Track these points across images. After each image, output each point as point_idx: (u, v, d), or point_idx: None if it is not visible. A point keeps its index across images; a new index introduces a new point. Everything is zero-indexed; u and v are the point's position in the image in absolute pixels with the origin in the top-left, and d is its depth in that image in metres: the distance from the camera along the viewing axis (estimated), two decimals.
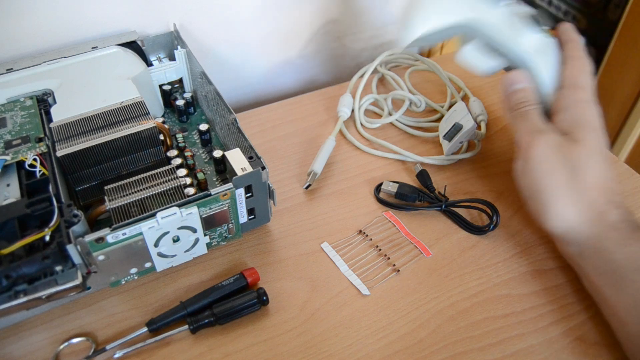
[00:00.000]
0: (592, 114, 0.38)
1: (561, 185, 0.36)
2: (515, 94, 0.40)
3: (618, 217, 0.35)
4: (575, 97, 0.39)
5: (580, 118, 0.38)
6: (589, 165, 0.36)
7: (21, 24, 0.45)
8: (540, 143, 0.37)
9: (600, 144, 0.37)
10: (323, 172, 0.46)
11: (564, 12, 1.46)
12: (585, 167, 0.36)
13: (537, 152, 0.37)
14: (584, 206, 0.36)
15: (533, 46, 0.41)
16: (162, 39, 0.49)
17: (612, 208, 0.35)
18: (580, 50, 0.42)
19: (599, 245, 0.35)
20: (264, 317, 0.36)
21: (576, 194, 0.36)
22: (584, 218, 0.35)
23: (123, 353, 0.33)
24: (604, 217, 0.35)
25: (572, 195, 0.36)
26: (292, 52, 0.59)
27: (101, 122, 0.38)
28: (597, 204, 0.35)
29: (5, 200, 0.34)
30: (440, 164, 0.47)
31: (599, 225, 0.35)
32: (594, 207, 0.35)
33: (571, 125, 0.38)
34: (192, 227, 0.35)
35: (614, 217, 0.35)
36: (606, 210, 0.35)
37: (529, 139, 0.38)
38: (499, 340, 0.34)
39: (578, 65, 0.40)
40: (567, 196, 0.36)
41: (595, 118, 0.38)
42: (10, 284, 0.31)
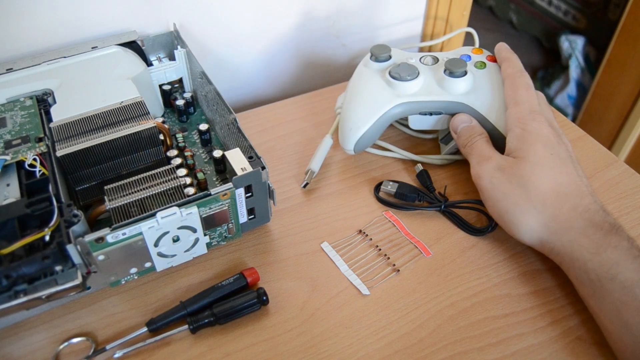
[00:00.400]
0: (534, 126, 0.38)
1: (517, 204, 0.36)
2: (461, 133, 0.43)
3: (585, 222, 0.34)
4: (516, 115, 0.40)
5: (522, 134, 0.38)
6: (537, 177, 0.36)
7: (21, 24, 0.45)
8: (485, 171, 0.39)
9: (546, 151, 0.37)
10: (322, 171, 0.47)
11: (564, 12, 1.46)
12: (534, 180, 0.36)
13: (484, 181, 0.39)
14: (547, 218, 0.35)
15: (461, 89, 0.44)
16: (162, 39, 0.49)
17: (577, 214, 0.35)
18: (514, 67, 0.43)
19: (573, 255, 0.35)
20: (264, 317, 0.36)
21: (534, 209, 0.36)
22: (550, 229, 0.35)
23: (123, 353, 0.33)
24: (570, 224, 0.35)
25: (530, 210, 0.36)
26: (292, 52, 0.60)
27: (101, 122, 0.38)
28: (559, 213, 0.35)
29: (5, 200, 0.34)
30: (440, 164, 0.47)
31: (567, 234, 0.35)
32: (557, 217, 0.35)
33: (516, 144, 0.39)
34: (192, 227, 0.35)
35: (580, 223, 0.34)
36: (571, 217, 0.35)
37: (476, 169, 0.40)
38: (499, 340, 0.34)
39: (513, 83, 0.42)
40: (527, 212, 0.36)
41: (538, 128, 0.38)
42: (10, 284, 0.31)
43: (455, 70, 0.43)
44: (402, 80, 0.44)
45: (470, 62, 0.46)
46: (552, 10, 1.52)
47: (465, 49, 0.48)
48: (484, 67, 0.45)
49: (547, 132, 0.38)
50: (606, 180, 0.45)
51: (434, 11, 0.64)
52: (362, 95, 0.45)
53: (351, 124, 0.44)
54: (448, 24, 0.65)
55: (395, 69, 0.44)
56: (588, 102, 1.24)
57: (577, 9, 1.44)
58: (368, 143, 0.45)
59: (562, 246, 0.35)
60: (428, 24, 0.65)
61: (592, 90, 1.22)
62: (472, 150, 0.41)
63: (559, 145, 0.38)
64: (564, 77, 1.38)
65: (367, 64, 0.47)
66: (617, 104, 1.14)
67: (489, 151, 0.40)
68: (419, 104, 0.44)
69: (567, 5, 1.47)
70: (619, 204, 0.43)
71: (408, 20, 0.64)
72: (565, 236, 0.35)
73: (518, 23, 1.66)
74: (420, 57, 0.47)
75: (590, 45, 1.38)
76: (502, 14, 1.71)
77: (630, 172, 0.46)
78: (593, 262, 0.33)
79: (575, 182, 0.36)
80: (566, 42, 1.40)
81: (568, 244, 0.35)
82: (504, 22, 1.71)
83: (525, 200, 0.36)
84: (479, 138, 0.42)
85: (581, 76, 1.36)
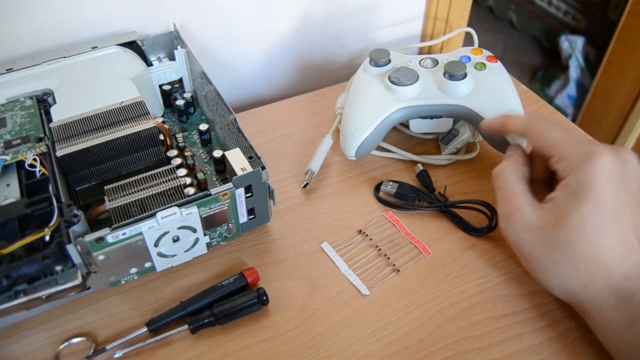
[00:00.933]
0: (591, 174, 0.31)
1: (547, 267, 0.33)
2: (502, 162, 0.38)
3: (618, 295, 0.31)
4: (566, 161, 0.33)
5: (574, 185, 0.32)
6: (573, 245, 0.32)
7: (21, 24, 0.45)
8: (511, 229, 0.34)
9: (595, 212, 0.31)
10: (322, 171, 0.47)
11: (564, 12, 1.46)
12: (569, 249, 0.32)
13: (511, 239, 0.35)
14: (578, 286, 0.32)
15: (461, 92, 0.43)
16: (162, 39, 0.49)
17: (611, 284, 0.31)
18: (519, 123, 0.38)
19: (602, 324, 0.32)
20: (264, 317, 0.36)
21: (565, 276, 0.32)
22: (581, 296, 0.32)
23: (123, 353, 0.33)
24: (602, 295, 0.31)
25: (561, 276, 0.33)
26: (292, 52, 0.60)
27: (101, 122, 0.38)
28: (592, 282, 0.32)
29: (5, 200, 0.34)
30: (440, 164, 0.47)
31: (598, 305, 0.32)
32: (589, 287, 0.32)
33: (562, 196, 0.33)
34: (192, 227, 0.35)
35: (612, 297, 0.31)
36: (604, 287, 0.31)
37: (501, 224, 0.36)
38: (499, 340, 0.34)
39: (534, 134, 0.36)
40: (557, 277, 0.33)
41: (595, 177, 0.31)
42: (10, 284, 0.31)
43: (455, 73, 0.43)
44: (402, 85, 0.44)
45: (470, 63, 0.46)
46: (552, 10, 1.52)
47: (465, 49, 0.48)
48: (484, 69, 0.45)
49: (608, 176, 0.31)
50: None
51: (433, 11, 0.64)
52: (362, 101, 0.45)
53: (352, 130, 0.44)
54: (448, 24, 0.65)
55: (394, 74, 0.44)
56: (588, 102, 1.24)
57: (577, 9, 1.44)
58: (369, 148, 0.45)
59: (591, 314, 0.32)
60: (428, 24, 0.65)
61: (592, 90, 1.22)
62: (498, 189, 0.36)
63: (618, 194, 0.31)
64: (564, 77, 1.39)
65: (366, 68, 0.47)
66: (617, 104, 1.14)
67: (516, 198, 0.35)
68: (419, 108, 0.44)
69: (567, 5, 1.47)
70: None
71: (408, 20, 0.64)
72: (595, 307, 0.32)
73: (518, 23, 1.66)
74: (419, 59, 0.47)
75: (590, 45, 1.38)
76: (502, 14, 1.71)
77: None
78: (624, 335, 0.31)
79: (619, 244, 0.31)
80: (566, 42, 1.40)
81: (597, 314, 0.32)
82: (504, 22, 1.71)
83: (556, 267, 0.32)
84: (508, 172, 0.36)
85: (581, 76, 1.36)
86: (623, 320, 0.31)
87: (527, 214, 0.34)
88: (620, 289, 0.31)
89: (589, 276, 0.32)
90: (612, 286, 0.31)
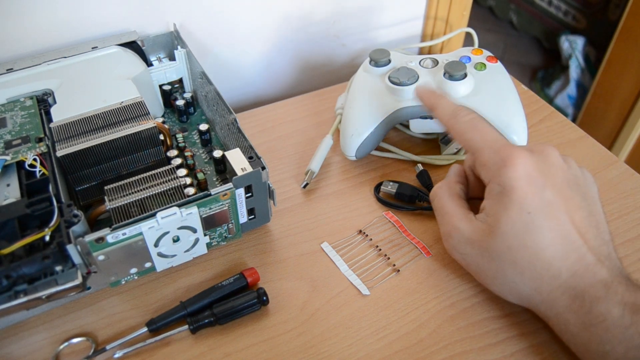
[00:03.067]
0: (508, 174, 0.31)
1: (495, 277, 0.33)
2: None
3: (569, 294, 0.30)
4: (481, 163, 0.33)
5: (494, 190, 0.32)
6: (510, 250, 0.31)
7: (21, 24, 0.45)
8: (452, 247, 0.35)
9: (522, 213, 0.31)
10: (322, 171, 0.47)
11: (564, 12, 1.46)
12: (508, 254, 0.31)
13: (456, 256, 0.36)
14: (529, 290, 0.32)
15: (461, 93, 0.43)
16: (162, 39, 0.49)
17: (559, 284, 0.31)
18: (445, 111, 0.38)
19: (561, 328, 0.32)
20: (264, 317, 0.36)
21: (513, 283, 0.32)
22: (535, 300, 0.32)
23: (123, 353, 0.33)
24: (553, 298, 0.31)
25: (509, 284, 0.32)
26: (292, 52, 0.60)
27: (101, 122, 0.38)
28: (540, 284, 0.31)
29: (5, 200, 0.34)
30: (440, 164, 0.47)
31: (552, 308, 0.31)
32: (539, 290, 0.31)
33: (489, 204, 0.33)
34: (192, 227, 0.35)
35: (564, 297, 0.30)
36: (553, 288, 0.31)
37: (444, 243, 0.36)
38: (499, 340, 0.34)
39: (455, 129, 0.36)
40: (507, 285, 0.33)
41: (513, 176, 0.31)
42: (10, 284, 0.31)
43: (455, 74, 0.43)
44: (402, 85, 0.43)
45: (470, 63, 0.46)
46: (552, 11, 1.52)
47: (465, 49, 0.48)
48: (484, 69, 0.45)
49: (526, 176, 0.31)
50: (606, 181, 0.45)
51: (434, 11, 0.64)
52: (363, 101, 0.45)
53: (352, 131, 0.44)
54: (448, 24, 0.65)
55: (394, 74, 0.44)
56: (588, 102, 1.24)
57: (577, 9, 1.44)
58: (370, 148, 0.45)
59: (549, 317, 0.32)
60: (428, 24, 0.65)
61: (592, 90, 1.22)
62: (435, 212, 0.37)
63: (542, 191, 0.31)
64: (564, 77, 1.39)
65: (366, 69, 0.47)
66: (617, 104, 1.14)
67: (450, 217, 0.35)
68: (419, 109, 0.44)
69: (567, 6, 1.47)
70: (619, 204, 0.43)
71: (408, 20, 0.64)
72: (550, 309, 0.32)
73: (518, 23, 1.66)
74: (419, 59, 0.47)
75: (590, 46, 1.38)
76: (502, 14, 1.71)
77: (630, 172, 0.46)
78: (582, 337, 0.30)
79: (559, 240, 0.31)
80: (566, 42, 1.40)
81: (554, 317, 0.32)
82: (504, 22, 1.71)
83: (502, 275, 0.32)
84: (439, 192, 0.37)
85: (581, 76, 1.36)
86: (579, 321, 0.30)
87: (462, 229, 0.34)
88: (570, 287, 0.30)
89: (535, 279, 0.31)
90: (561, 285, 0.31)
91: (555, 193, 0.31)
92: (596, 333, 0.29)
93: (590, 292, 0.30)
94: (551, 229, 0.31)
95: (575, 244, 0.31)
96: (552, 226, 0.31)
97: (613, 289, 0.29)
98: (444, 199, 0.36)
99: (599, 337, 0.29)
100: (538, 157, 0.32)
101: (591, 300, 0.30)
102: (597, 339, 0.29)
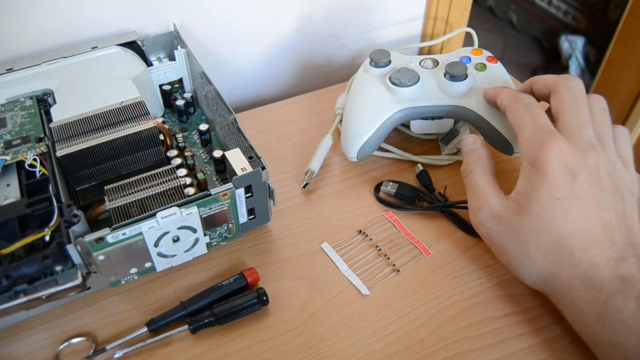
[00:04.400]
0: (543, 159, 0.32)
1: (517, 258, 0.34)
2: (463, 158, 0.40)
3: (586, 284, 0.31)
4: (523, 147, 0.34)
5: (529, 171, 0.33)
6: (535, 232, 0.32)
7: (21, 24, 0.45)
8: (479, 221, 0.36)
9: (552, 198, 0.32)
10: (322, 171, 0.47)
11: (564, 12, 1.46)
12: (532, 236, 0.32)
13: (480, 231, 0.36)
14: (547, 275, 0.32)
15: (462, 93, 0.43)
16: (162, 39, 0.49)
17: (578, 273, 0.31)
18: (506, 96, 0.38)
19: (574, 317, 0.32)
20: (264, 317, 0.36)
21: (534, 265, 0.33)
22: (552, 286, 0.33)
23: (123, 353, 0.33)
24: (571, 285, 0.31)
25: (530, 266, 0.33)
26: (292, 52, 0.60)
27: (101, 122, 0.38)
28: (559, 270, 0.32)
29: (5, 200, 0.34)
30: (440, 164, 0.47)
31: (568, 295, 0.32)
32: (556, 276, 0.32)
33: (522, 184, 0.33)
34: (192, 227, 0.35)
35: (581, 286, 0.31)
36: (571, 277, 0.31)
37: (471, 217, 0.37)
38: (499, 340, 0.34)
39: (511, 112, 0.37)
40: (527, 267, 0.33)
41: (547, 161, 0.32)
42: (10, 284, 0.31)
43: (456, 74, 0.43)
44: (403, 86, 0.43)
45: (471, 64, 0.46)
46: (552, 11, 1.52)
47: (465, 49, 0.48)
48: (485, 69, 0.45)
49: (558, 163, 0.32)
50: None
51: (433, 11, 0.64)
52: (363, 102, 0.45)
53: (353, 132, 0.44)
54: (448, 24, 0.65)
55: (395, 75, 0.44)
56: None
57: (577, 9, 1.44)
58: (371, 150, 0.45)
59: (564, 305, 0.33)
60: (428, 24, 0.65)
61: (592, 91, 1.22)
62: (467, 186, 0.38)
63: (573, 183, 0.31)
64: None
65: (366, 69, 0.47)
66: (617, 104, 1.14)
67: (483, 191, 0.36)
68: (420, 109, 0.44)
69: (567, 6, 1.47)
70: None
71: (408, 20, 0.64)
72: (566, 297, 0.32)
73: (518, 23, 1.66)
74: (420, 60, 0.47)
75: (590, 45, 1.38)
76: (502, 14, 1.71)
77: None
78: (594, 327, 0.31)
79: (584, 230, 0.31)
80: (566, 42, 1.40)
81: (569, 305, 0.32)
82: (504, 22, 1.71)
83: (524, 255, 0.33)
84: (474, 167, 0.37)
85: (581, 76, 1.36)
86: (593, 312, 0.30)
87: (493, 204, 0.35)
88: (588, 277, 0.31)
89: (556, 264, 0.32)
90: (579, 275, 0.31)
91: (585, 189, 0.32)
92: (610, 324, 0.30)
93: (608, 285, 0.30)
94: (576, 219, 0.31)
95: (598, 238, 0.31)
96: (577, 217, 0.31)
97: (631, 285, 0.30)
98: (477, 173, 0.37)
99: (612, 328, 0.30)
100: (578, 152, 0.32)
101: (607, 293, 0.30)
102: (610, 329, 0.30)
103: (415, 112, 0.44)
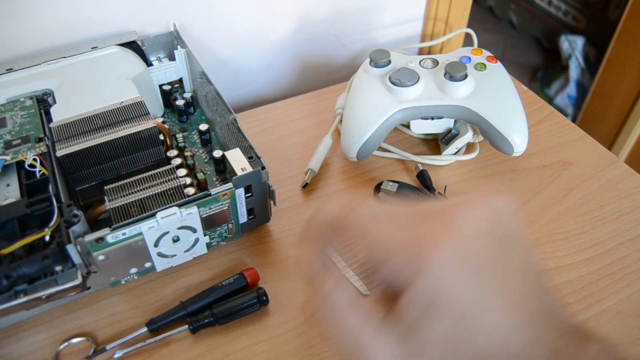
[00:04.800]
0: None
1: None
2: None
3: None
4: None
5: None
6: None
7: (21, 24, 0.45)
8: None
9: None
10: (322, 171, 0.46)
11: (564, 12, 1.46)
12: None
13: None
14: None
15: (462, 93, 0.43)
16: (162, 39, 0.49)
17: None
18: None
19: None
20: (264, 317, 0.36)
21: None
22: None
23: (123, 353, 0.33)
24: None
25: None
26: (292, 52, 0.60)
27: (101, 122, 0.38)
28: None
29: (5, 200, 0.34)
30: (440, 164, 0.47)
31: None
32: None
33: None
34: (192, 227, 0.35)
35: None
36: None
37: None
38: None
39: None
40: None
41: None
42: (10, 284, 0.31)
43: (456, 74, 0.43)
44: (403, 86, 0.43)
45: (470, 64, 0.46)
46: (552, 11, 1.52)
47: (464, 50, 0.48)
48: (485, 69, 0.45)
49: (449, 278, 0.21)
50: (606, 181, 0.45)
51: (433, 12, 0.64)
52: (363, 102, 0.45)
53: (353, 132, 0.44)
54: (448, 25, 0.65)
55: (395, 75, 0.44)
56: (588, 102, 1.24)
57: (577, 9, 1.44)
58: (371, 149, 0.45)
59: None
60: (428, 25, 0.65)
61: (592, 90, 1.22)
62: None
63: (472, 286, 0.21)
64: (564, 77, 1.39)
65: (366, 69, 0.47)
66: (617, 104, 1.14)
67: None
68: (420, 109, 0.43)
69: (567, 6, 1.47)
70: (619, 204, 0.43)
71: (408, 20, 0.64)
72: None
73: (518, 23, 1.66)
74: (420, 60, 0.47)
75: (590, 45, 1.38)
76: (502, 14, 1.71)
77: (630, 172, 0.46)
78: None
79: (496, 336, 0.21)
80: (566, 42, 1.40)
81: None
82: (504, 22, 1.71)
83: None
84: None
85: (581, 76, 1.36)
86: None
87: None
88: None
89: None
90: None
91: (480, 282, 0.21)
92: None
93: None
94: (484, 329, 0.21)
95: (511, 335, 0.21)
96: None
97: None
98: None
99: None
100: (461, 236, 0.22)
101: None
102: None
103: (415, 112, 0.44)
